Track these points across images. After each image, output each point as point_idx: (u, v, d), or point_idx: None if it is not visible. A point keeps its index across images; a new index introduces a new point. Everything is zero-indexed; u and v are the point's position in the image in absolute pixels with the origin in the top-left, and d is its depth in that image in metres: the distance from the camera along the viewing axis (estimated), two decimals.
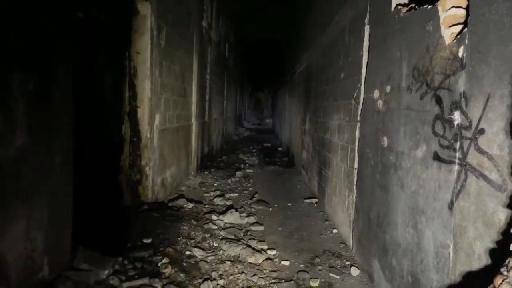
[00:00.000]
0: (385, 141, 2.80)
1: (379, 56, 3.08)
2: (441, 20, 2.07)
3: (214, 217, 4.37)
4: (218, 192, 5.87)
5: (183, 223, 3.95)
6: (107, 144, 4.29)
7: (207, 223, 4.12)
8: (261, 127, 26.01)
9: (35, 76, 2.22)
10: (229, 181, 6.85)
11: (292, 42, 11.16)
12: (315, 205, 5.48)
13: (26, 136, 2.13)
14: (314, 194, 5.99)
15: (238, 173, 7.42)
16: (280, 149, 12.95)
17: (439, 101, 2.02)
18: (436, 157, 2.01)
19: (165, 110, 5.19)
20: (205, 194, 5.74)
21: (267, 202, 5.44)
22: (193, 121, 7.11)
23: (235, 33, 14.72)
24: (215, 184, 6.58)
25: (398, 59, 2.63)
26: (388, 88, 2.78)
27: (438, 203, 1.99)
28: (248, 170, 8.21)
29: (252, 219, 4.49)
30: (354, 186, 3.64)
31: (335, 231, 4.30)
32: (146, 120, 4.51)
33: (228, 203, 5.22)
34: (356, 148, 3.64)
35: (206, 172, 7.67)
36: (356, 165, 3.64)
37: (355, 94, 3.78)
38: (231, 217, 4.38)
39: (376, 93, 3.07)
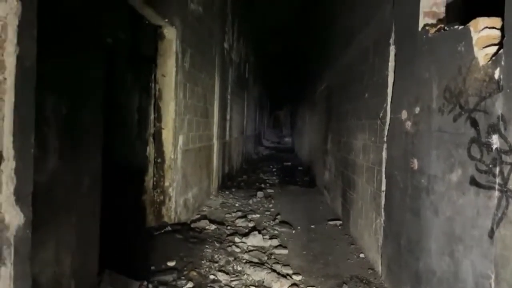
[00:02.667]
0: (415, 164, 2.71)
1: (406, 77, 3.03)
2: (474, 41, 2.02)
3: (237, 239, 4.31)
4: (239, 213, 5.82)
5: (206, 246, 3.91)
6: (132, 165, 4.34)
7: (230, 246, 4.07)
8: (281, 145, 25.96)
9: (67, 100, 2.28)
10: (250, 201, 6.80)
11: (313, 62, 11.21)
12: (339, 227, 5.34)
13: (58, 159, 2.18)
14: (337, 216, 5.85)
15: (259, 193, 7.37)
16: (300, 168, 12.84)
17: (474, 123, 1.95)
18: (474, 182, 1.92)
19: (188, 131, 5.25)
20: (227, 215, 5.70)
21: (290, 223, 5.34)
22: (215, 141, 7.16)
23: (255, 53, 14.94)
24: (237, 205, 6.54)
25: (427, 80, 2.57)
26: (417, 109, 2.72)
27: (477, 231, 1.89)
28: (269, 190, 8.15)
29: (275, 242, 4.40)
30: (382, 210, 3.53)
31: (362, 255, 4.16)
32: (170, 141, 4.56)
33: (251, 224, 5.16)
34: (383, 169, 3.55)
35: (227, 192, 7.66)
36: (383, 188, 3.54)
37: (381, 114, 3.71)
38: (254, 240, 4.31)
39: (404, 114, 3.00)
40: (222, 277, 3.25)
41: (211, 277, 3.24)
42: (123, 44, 4.14)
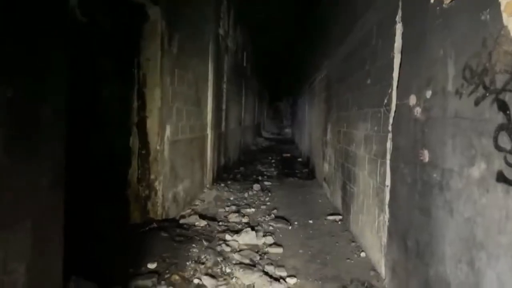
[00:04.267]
0: (425, 155, 2.36)
1: (416, 57, 2.67)
2: (502, 7, 1.65)
3: (228, 237, 3.99)
4: (233, 208, 5.50)
5: (194, 244, 3.59)
6: (113, 157, 4.00)
7: (220, 244, 3.74)
8: (280, 137, 25.59)
9: (15, 81, 1.92)
10: (246, 194, 6.48)
11: (312, 51, 10.79)
12: (339, 222, 5.02)
13: (2, 153, 1.83)
14: (337, 210, 5.53)
15: (256, 186, 7.04)
16: (300, 159, 12.51)
17: (503, 107, 1.59)
18: (502, 179, 1.58)
19: (177, 120, 4.89)
20: (220, 210, 5.38)
21: (287, 219, 5.02)
22: (209, 131, 6.81)
23: (253, 42, 14.49)
24: (231, 198, 6.22)
25: (441, 58, 2.21)
26: (429, 93, 2.36)
27: (505, 237, 1.55)
28: (266, 183, 7.83)
29: (270, 239, 4.08)
30: (386, 206, 3.20)
31: (363, 254, 3.84)
32: (156, 131, 4.21)
33: (244, 220, 4.83)
34: (388, 162, 3.20)
35: (222, 185, 7.33)
36: (387, 182, 3.19)
37: (385, 101, 3.35)
38: (246, 237, 3.99)
39: (413, 99, 2.64)
40: (207, 281, 2.92)
41: (196, 281, 2.92)
42: (102, 24, 3.77)
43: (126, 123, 4.07)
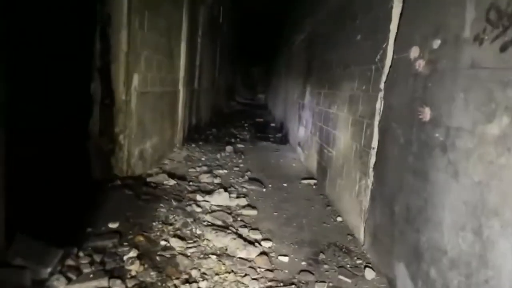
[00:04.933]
0: (426, 113, 2.13)
1: (422, 3, 2.37)
2: None
3: (199, 197, 3.71)
4: (205, 168, 5.20)
5: (161, 204, 3.29)
6: (72, 105, 3.54)
7: (190, 205, 3.46)
8: (254, 102, 25.17)
9: None
10: (218, 155, 6.18)
11: (292, 11, 10.27)
12: (314, 186, 4.87)
13: None
14: (312, 175, 5.37)
15: (228, 148, 6.74)
16: (273, 125, 12.27)
17: None
18: None
19: (146, 70, 4.41)
20: (191, 170, 5.07)
21: (261, 181, 4.80)
22: (181, 87, 6.34)
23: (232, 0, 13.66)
24: (203, 159, 5.90)
25: (457, 0, 1.92)
26: (437, 43, 2.09)
27: None
28: (239, 145, 7.54)
29: (243, 201, 3.85)
30: (370, 170, 3.01)
31: (339, 219, 3.70)
32: (122, 79, 3.74)
33: (217, 181, 4.56)
34: (376, 123, 2.98)
35: (193, 145, 6.98)
36: (374, 144, 2.99)
37: (378, 57, 3.08)
38: (219, 198, 3.73)
39: (414, 52, 2.37)
40: (176, 243, 2.65)
41: (163, 243, 2.64)
42: None
43: (87, 67, 3.57)
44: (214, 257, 2.60)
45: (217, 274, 2.41)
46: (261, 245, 2.92)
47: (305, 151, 6.34)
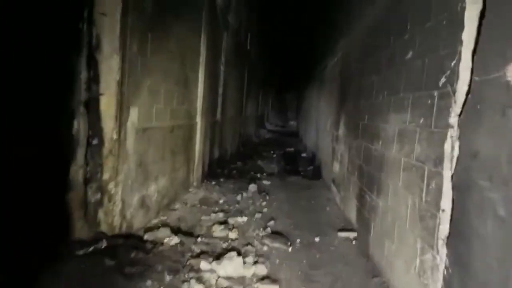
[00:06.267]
0: None
1: None
2: None
3: (204, 264, 2.87)
4: (221, 215, 4.38)
5: (149, 281, 2.47)
6: (50, 148, 2.88)
7: (188, 280, 2.61)
8: (285, 129, 24.38)
9: None
10: (238, 197, 5.36)
11: (322, 34, 9.55)
12: (353, 242, 3.89)
13: None
14: (350, 224, 4.40)
15: (252, 187, 5.90)
16: (304, 155, 11.34)
17: None
18: None
19: (150, 102, 3.76)
20: (203, 218, 4.27)
21: (286, 235, 3.89)
22: (198, 119, 5.66)
23: (260, 23, 13.23)
24: (221, 201, 5.10)
25: None
26: None
27: None
28: (265, 182, 6.70)
29: (262, 269, 2.95)
30: (440, 242, 2.06)
31: None
32: (113, 113, 3.07)
33: (232, 234, 3.72)
34: (447, 174, 2.05)
35: (213, 183, 6.22)
36: (445, 205, 2.05)
37: (442, 80, 2.19)
38: (229, 266, 2.86)
39: None
40: None
41: None
42: None
43: (70, 100, 2.93)
44: None
45: None
46: None
47: (341, 192, 5.38)
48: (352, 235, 4.02)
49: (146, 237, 3.30)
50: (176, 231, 3.54)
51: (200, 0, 5.39)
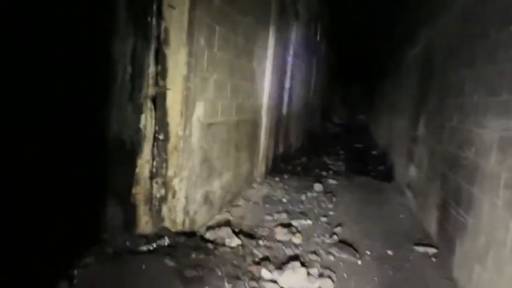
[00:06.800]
0: None
1: None
2: None
3: (265, 273, 2.69)
4: (284, 216, 4.19)
5: (208, 287, 2.37)
6: (118, 142, 2.91)
7: None
8: (353, 123, 23.34)
9: None
10: (303, 196, 5.12)
11: (400, 22, 8.76)
12: (433, 259, 3.44)
13: None
14: (429, 238, 3.92)
15: (317, 186, 5.62)
16: (374, 152, 10.65)
17: None
18: None
19: (216, 97, 3.66)
20: (266, 217, 4.12)
21: (354, 244, 3.57)
22: (264, 113, 5.51)
23: (331, 12, 12.62)
24: (284, 200, 4.91)
25: None
26: None
27: None
28: (331, 181, 6.36)
29: (327, 284, 2.69)
30: None
31: None
32: (178, 108, 3.02)
33: (295, 239, 3.51)
34: None
35: (277, 179, 6.07)
36: None
37: None
38: (292, 278, 2.66)
39: None
40: None
41: None
42: None
43: (137, 95, 2.93)
44: None
45: None
46: None
47: (417, 199, 4.86)
48: (431, 251, 3.56)
49: (207, 235, 3.23)
50: (237, 232, 3.42)
51: None
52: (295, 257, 3.05)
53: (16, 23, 2.17)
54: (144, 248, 2.77)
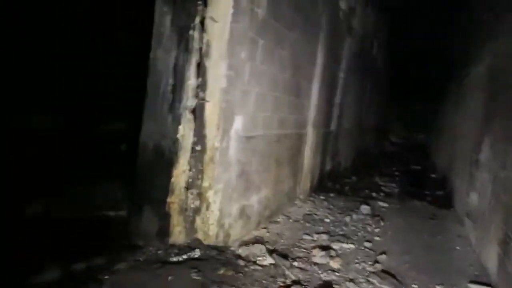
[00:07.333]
0: None
1: None
2: None
3: None
4: (324, 237, 3.97)
5: None
6: (155, 151, 2.97)
7: None
8: (411, 143, 22.07)
9: None
10: (347, 218, 4.83)
11: (462, 36, 8.15)
12: None
13: None
14: (487, 275, 3.47)
15: (364, 208, 5.29)
16: (433, 175, 9.89)
17: None
18: None
19: (256, 110, 3.62)
20: (305, 236, 3.94)
21: (399, 276, 3.25)
22: (309, 128, 5.36)
23: (389, 29, 12.18)
24: (327, 220, 4.68)
25: None
26: None
27: None
28: (381, 203, 5.96)
29: None
30: None
31: None
32: (215, 121, 3.01)
33: (333, 263, 3.28)
34: None
35: (321, 197, 5.84)
36: None
37: None
38: None
39: None
40: None
41: None
42: None
43: (177, 106, 2.97)
44: None
45: None
46: None
47: (477, 229, 4.36)
48: None
49: (240, 251, 3.15)
50: (272, 249, 3.29)
51: (321, 5, 5.09)
52: (330, 283, 2.85)
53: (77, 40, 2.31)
54: (175, 259, 2.76)
